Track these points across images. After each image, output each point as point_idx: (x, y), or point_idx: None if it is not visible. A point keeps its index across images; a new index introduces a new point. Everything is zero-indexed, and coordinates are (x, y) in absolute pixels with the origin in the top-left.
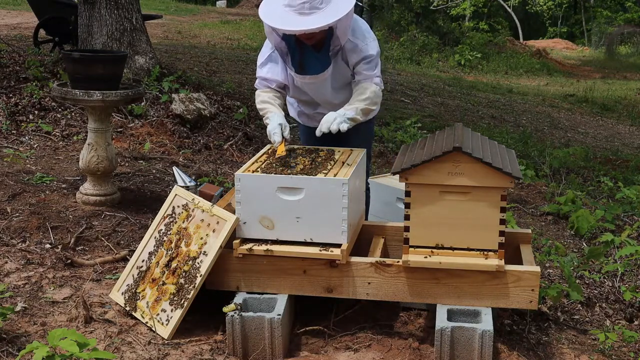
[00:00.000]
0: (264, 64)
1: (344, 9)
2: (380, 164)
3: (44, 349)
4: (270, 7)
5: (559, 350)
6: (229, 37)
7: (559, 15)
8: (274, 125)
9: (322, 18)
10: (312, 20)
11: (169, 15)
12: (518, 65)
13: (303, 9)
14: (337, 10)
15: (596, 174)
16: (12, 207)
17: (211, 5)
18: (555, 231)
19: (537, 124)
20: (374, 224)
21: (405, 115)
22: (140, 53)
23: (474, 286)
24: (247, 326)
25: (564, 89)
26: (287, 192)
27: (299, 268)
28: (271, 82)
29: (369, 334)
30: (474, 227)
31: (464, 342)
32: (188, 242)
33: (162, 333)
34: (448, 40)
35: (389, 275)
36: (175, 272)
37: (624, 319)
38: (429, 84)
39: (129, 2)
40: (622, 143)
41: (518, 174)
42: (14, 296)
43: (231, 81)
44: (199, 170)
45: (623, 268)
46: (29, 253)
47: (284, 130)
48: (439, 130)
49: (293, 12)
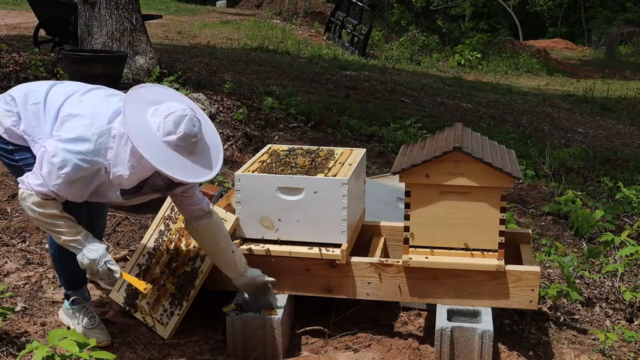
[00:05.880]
0: (71, 184)
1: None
2: (380, 164)
3: (44, 349)
4: (162, 152)
5: (559, 350)
6: (229, 37)
7: (559, 15)
8: (101, 252)
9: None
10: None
11: (169, 15)
12: (518, 65)
13: (195, 147)
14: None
15: (596, 174)
16: (12, 207)
17: (211, 5)
18: (555, 231)
19: (537, 124)
20: (374, 224)
21: (405, 115)
22: (140, 53)
23: (474, 286)
24: (247, 326)
25: (564, 89)
26: (287, 192)
27: (299, 268)
28: (62, 199)
29: (369, 334)
30: (474, 227)
31: (464, 342)
32: (188, 242)
33: (162, 333)
34: (448, 40)
35: (389, 275)
36: (175, 272)
37: (624, 319)
38: (429, 84)
39: (129, 2)
40: (622, 143)
41: (518, 174)
42: (14, 296)
43: (231, 81)
44: None
45: (623, 268)
46: (29, 253)
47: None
48: (439, 130)
49: (185, 153)
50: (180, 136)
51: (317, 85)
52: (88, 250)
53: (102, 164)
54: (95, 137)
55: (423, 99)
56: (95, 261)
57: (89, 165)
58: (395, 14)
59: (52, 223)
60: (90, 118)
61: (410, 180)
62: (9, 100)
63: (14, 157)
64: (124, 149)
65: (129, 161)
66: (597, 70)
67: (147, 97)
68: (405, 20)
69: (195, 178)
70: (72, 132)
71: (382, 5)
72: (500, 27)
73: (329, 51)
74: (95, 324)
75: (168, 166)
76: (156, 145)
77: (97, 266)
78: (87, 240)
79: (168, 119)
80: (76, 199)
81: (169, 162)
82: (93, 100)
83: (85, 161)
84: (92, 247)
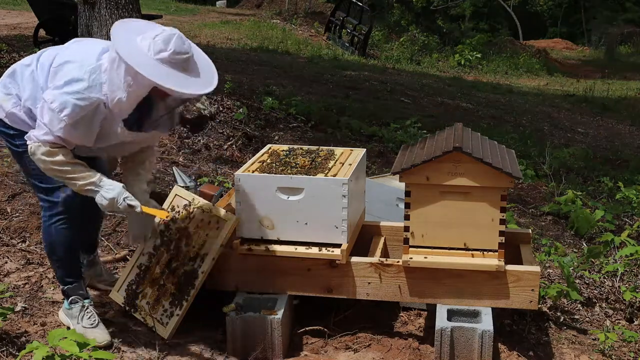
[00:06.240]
0: (75, 126)
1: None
2: (380, 164)
3: (44, 349)
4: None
5: (559, 350)
6: (229, 37)
7: (559, 15)
8: (118, 190)
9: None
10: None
11: (169, 15)
12: (518, 65)
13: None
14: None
15: (596, 174)
16: (12, 207)
17: (211, 5)
18: (555, 231)
19: (537, 124)
20: (374, 224)
21: (405, 115)
22: None
23: (474, 286)
24: (247, 326)
25: (564, 89)
26: (287, 192)
27: (299, 268)
28: (71, 145)
29: (369, 334)
30: (474, 227)
31: (464, 342)
32: (188, 242)
33: (162, 333)
34: (448, 40)
35: (389, 275)
36: (175, 272)
37: (624, 319)
38: (429, 84)
39: (129, 2)
40: (622, 143)
41: (518, 174)
42: (14, 296)
43: (231, 81)
44: (199, 170)
45: (623, 268)
46: (29, 253)
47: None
48: (439, 130)
49: (179, 69)
50: (171, 52)
51: (317, 85)
52: (105, 191)
53: (99, 99)
54: (88, 74)
55: (423, 99)
56: (114, 200)
57: (87, 102)
58: (395, 14)
59: (64, 170)
60: (80, 60)
61: (410, 180)
62: (7, 84)
63: (15, 142)
64: (117, 72)
65: (124, 81)
66: (597, 70)
67: (134, 26)
68: (405, 20)
69: (196, 90)
70: (65, 77)
71: (382, 5)
72: (500, 27)
73: (329, 51)
74: (95, 323)
75: (165, 80)
76: (150, 64)
77: (117, 204)
78: (102, 181)
79: (157, 39)
80: (84, 141)
81: (165, 77)
82: (79, 46)
83: (82, 99)
84: (109, 187)
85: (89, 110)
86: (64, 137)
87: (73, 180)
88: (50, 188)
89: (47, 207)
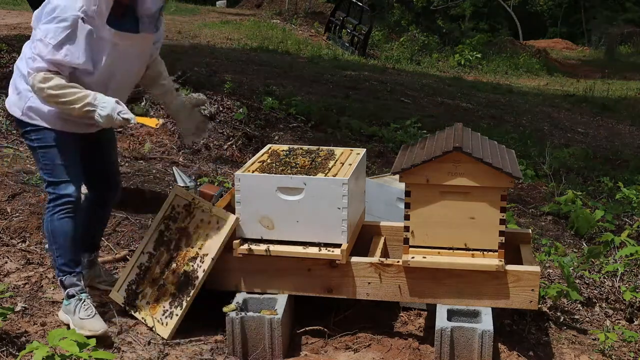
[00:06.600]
0: (61, 45)
1: None
2: (380, 164)
3: (44, 349)
4: None
5: (559, 350)
6: (229, 37)
7: (559, 15)
8: (112, 105)
9: None
10: None
11: (169, 15)
12: (518, 65)
13: None
14: None
15: (596, 174)
16: (12, 207)
17: (211, 5)
18: (555, 231)
19: (537, 124)
20: (374, 224)
21: (405, 115)
22: None
23: (474, 286)
24: (247, 326)
25: (564, 89)
26: (287, 192)
27: (299, 268)
28: (65, 68)
29: (369, 334)
30: (474, 227)
31: (464, 342)
32: (188, 242)
33: (162, 333)
34: (448, 40)
35: (389, 275)
36: (175, 272)
37: (624, 319)
38: (429, 84)
39: None
40: (622, 143)
41: (518, 174)
42: (14, 296)
43: (231, 81)
44: (199, 170)
45: (623, 268)
46: (29, 253)
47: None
48: (439, 130)
49: None
50: None
51: (317, 85)
52: (100, 109)
53: (76, 15)
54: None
55: (423, 99)
56: (110, 116)
57: (66, 22)
58: (395, 14)
59: (61, 94)
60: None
61: (410, 180)
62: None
63: (31, 137)
64: None
65: None
66: (597, 70)
67: None
68: (405, 20)
69: None
70: (48, 13)
71: (382, 5)
72: (500, 27)
73: (329, 51)
74: (92, 314)
75: None
76: None
77: (115, 120)
78: (96, 99)
79: None
80: (75, 59)
81: None
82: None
83: (60, 21)
84: (103, 104)
85: (70, 30)
86: (53, 60)
87: (71, 105)
88: (57, 182)
89: (53, 199)
